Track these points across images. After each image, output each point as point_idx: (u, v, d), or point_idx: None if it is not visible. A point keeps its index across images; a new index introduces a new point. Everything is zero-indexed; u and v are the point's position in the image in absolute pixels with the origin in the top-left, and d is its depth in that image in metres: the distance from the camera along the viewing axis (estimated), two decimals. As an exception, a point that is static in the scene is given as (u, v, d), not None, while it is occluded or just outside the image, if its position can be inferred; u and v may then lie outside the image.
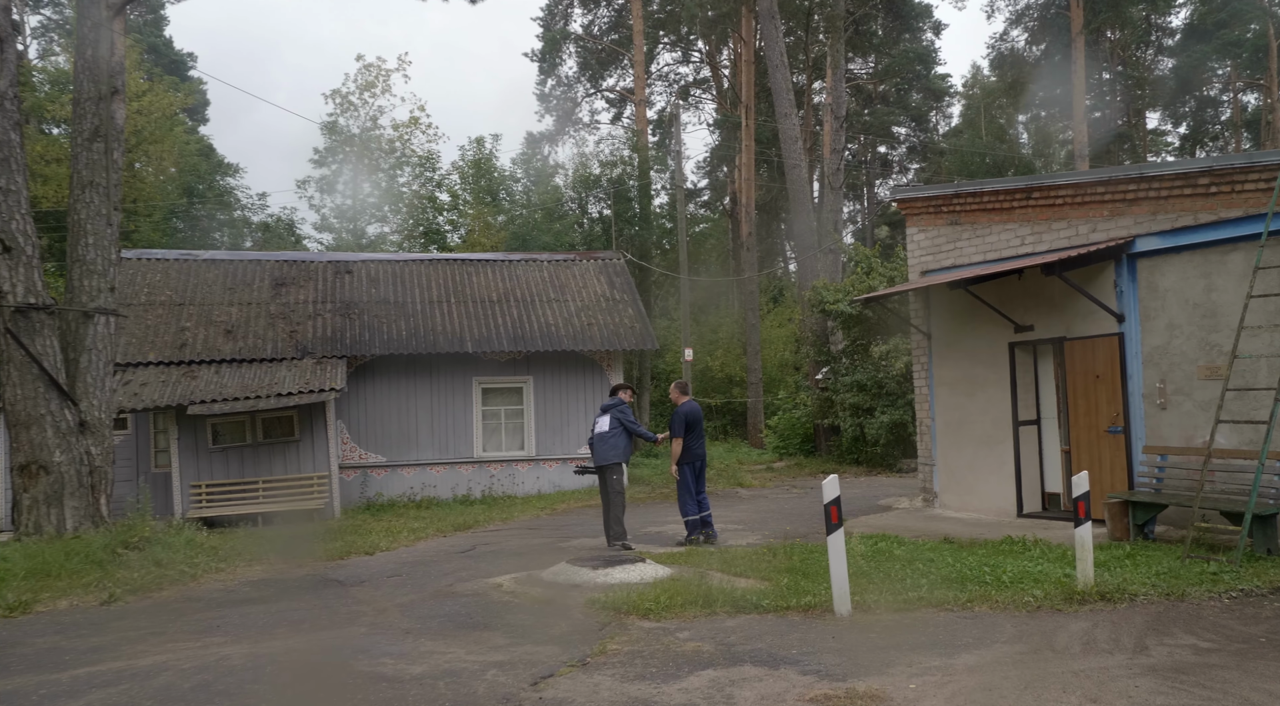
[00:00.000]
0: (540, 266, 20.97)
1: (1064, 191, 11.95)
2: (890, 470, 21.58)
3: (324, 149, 36.36)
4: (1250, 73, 46.16)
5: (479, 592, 8.89)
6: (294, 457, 16.57)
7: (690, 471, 11.95)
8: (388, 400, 18.18)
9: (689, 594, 8.14)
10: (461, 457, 18.41)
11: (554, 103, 42.72)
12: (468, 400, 18.53)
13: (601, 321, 19.34)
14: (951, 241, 13.76)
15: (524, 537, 13.11)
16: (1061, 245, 12.05)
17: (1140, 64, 49.98)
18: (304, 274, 19.54)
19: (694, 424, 11.98)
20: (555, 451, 18.82)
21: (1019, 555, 10.08)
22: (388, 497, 17.78)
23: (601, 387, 19.08)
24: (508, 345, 18.33)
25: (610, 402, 11.85)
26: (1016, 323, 12.59)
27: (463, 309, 19.22)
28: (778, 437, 25.88)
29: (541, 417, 18.80)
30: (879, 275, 22.03)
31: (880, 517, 13.71)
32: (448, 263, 20.83)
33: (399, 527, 14.16)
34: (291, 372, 16.79)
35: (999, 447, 13.02)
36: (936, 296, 14.01)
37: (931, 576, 8.82)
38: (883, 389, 21.47)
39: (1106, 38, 47.76)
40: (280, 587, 9.57)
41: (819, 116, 50.52)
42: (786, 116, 24.51)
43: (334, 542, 12.45)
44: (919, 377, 14.51)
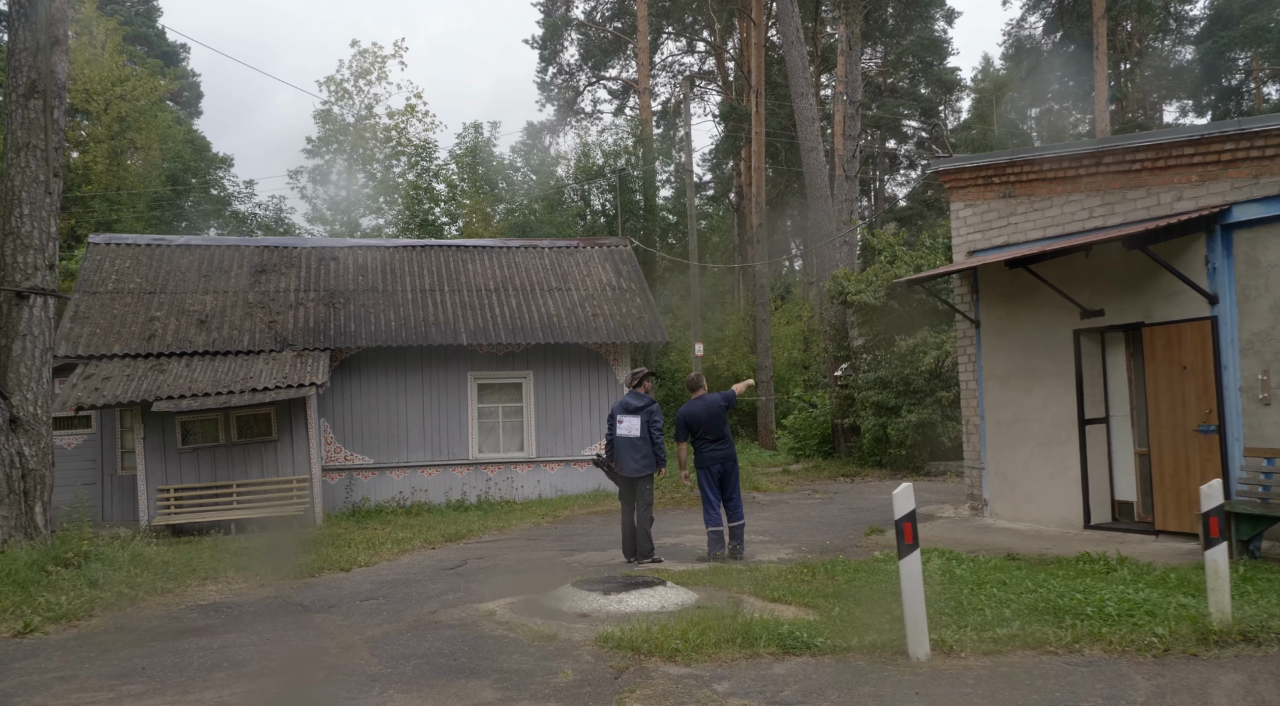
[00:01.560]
0: (541, 253, 19.46)
1: (1143, 155, 10.42)
2: (918, 473, 20.04)
3: (317, 138, 34.88)
4: (1274, 62, 44.66)
5: (467, 623, 7.37)
6: (272, 459, 15.06)
7: (708, 476, 10.44)
8: (375, 396, 16.68)
9: (724, 628, 6.63)
10: (455, 459, 16.90)
11: (555, 91, 41.26)
12: (462, 397, 17.02)
13: (607, 312, 17.83)
14: (1004, 216, 12.23)
15: (523, 550, 11.60)
16: (1139, 217, 10.52)
17: (1156, 54, 48.50)
18: (285, 260, 18.04)
19: (694, 425, 10.47)
20: (557, 453, 17.30)
21: (1107, 577, 8.57)
22: (375, 503, 16.27)
23: (607, 383, 17.57)
24: (505, 337, 16.82)
25: (639, 402, 10.29)
26: (1084, 307, 11.06)
27: (457, 298, 17.72)
28: (793, 438, 24.35)
29: (542, 416, 17.29)
30: (904, 264, 20.51)
31: (924, 528, 12.18)
32: (441, 249, 19.33)
33: (383, 537, 12.65)
34: (270, 366, 15.29)
35: (1061, 449, 11.50)
36: (987, 279, 12.49)
37: (1014, 605, 7.32)
38: (909, 386, 19.94)
39: (1123, 28, 46.28)
40: (233, 613, 8.05)
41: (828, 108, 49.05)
42: (803, 95, 23.00)
43: (306, 556, 10.94)
44: (965, 371, 12.99)
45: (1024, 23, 43.40)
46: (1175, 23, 48.84)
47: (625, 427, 10.26)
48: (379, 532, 13.30)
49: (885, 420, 20.31)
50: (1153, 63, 47.84)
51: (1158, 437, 10.36)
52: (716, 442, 10.46)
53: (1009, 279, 12.08)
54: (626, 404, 10.36)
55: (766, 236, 31.95)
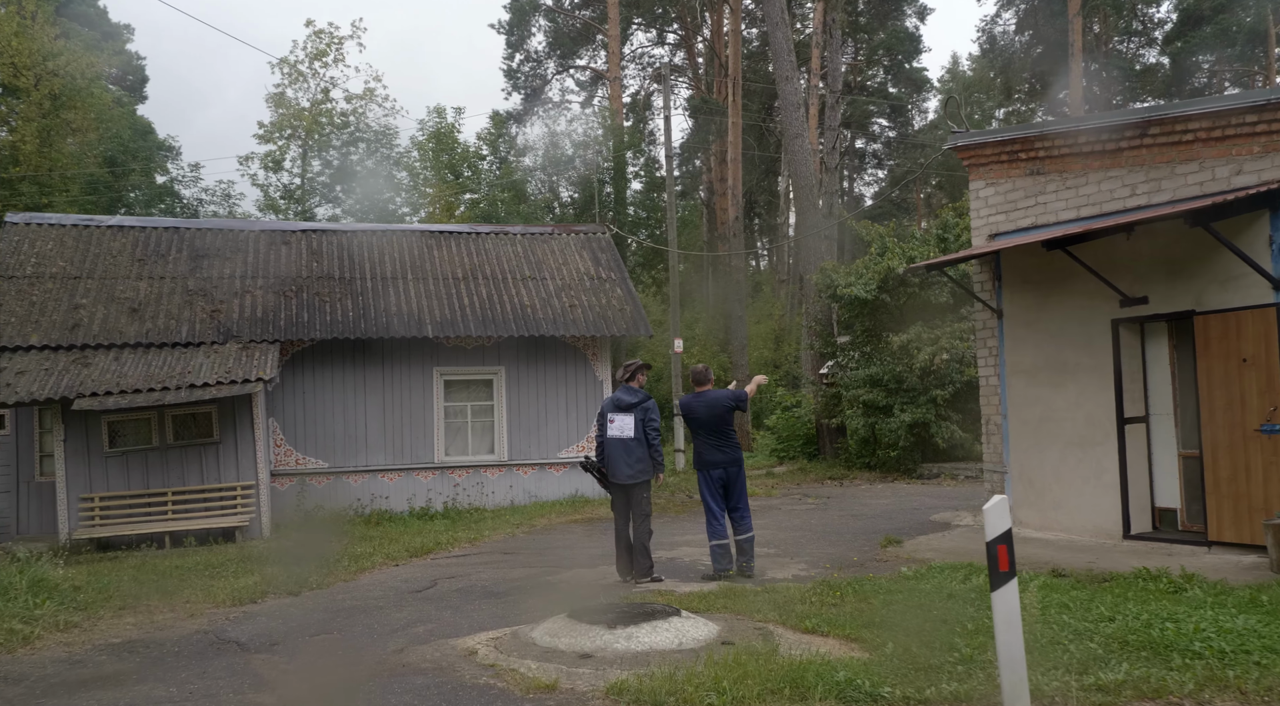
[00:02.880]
0: (513, 240, 18.07)
1: (1197, 124, 9.34)
2: (910, 476, 18.96)
3: (270, 123, 33.09)
4: (1240, 63, 44.46)
5: (443, 666, 6.02)
6: (213, 463, 13.53)
7: (709, 481, 9.18)
8: (331, 394, 15.19)
9: (765, 673, 5.38)
10: (420, 463, 15.47)
11: (522, 79, 39.79)
12: (427, 394, 15.59)
13: (586, 303, 16.50)
14: (1031, 196, 11.12)
15: (500, 567, 10.24)
16: (1190, 194, 9.44)
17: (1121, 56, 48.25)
18: (230, 245, 16.46)
19: (690, 421, 9.24)
20: (531, 455, 15.93)
21: (1179, 598, 7.45)
22: (330, 511, 14.78)
23: (586, 380, 16.24)
24: (475, 329, 15.43)
25: (633, 397, 9.01)
26: (1125, 294, 9.96)
27: (422, 287, 16.28)
28: (775, 439, 23.20)
29: (515, 415, 15.91)
30: (896, 255, 19.42)
31: (943, 539, 11.04)
32: (404, 234, 17.86)
33: (339, 552, 11.21)
34: (211, 360, 13.76)
35: (1096, 451, 10.39)
36: (1012, 265, 11.37)
37: (1097, 637, 6.15)
38: (902, 384, 18.85)
39: (1092, 29, 45.92)
40: (151, 655, 6.61)
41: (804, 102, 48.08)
42: (788, 79, 21.86)
43: (248, 576, 9.49)
44: (985, 365, 11.86)
45: (998, 19, 42.66)
46: (1143, 24, 48.64)
47: (617, 427, 8.97)
48: (334, 546, 11.85)
49: (875, 420, 19.20)
50: (1119, 63, 47.52)
51: (1211, 438, 9.28)
52: (718, 445, 9.20)
53: (1037, 264, 10.97)
54: (618, 400, 9.06)
55: (741, 230, 30.80)
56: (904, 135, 52.11)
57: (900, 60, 47.31)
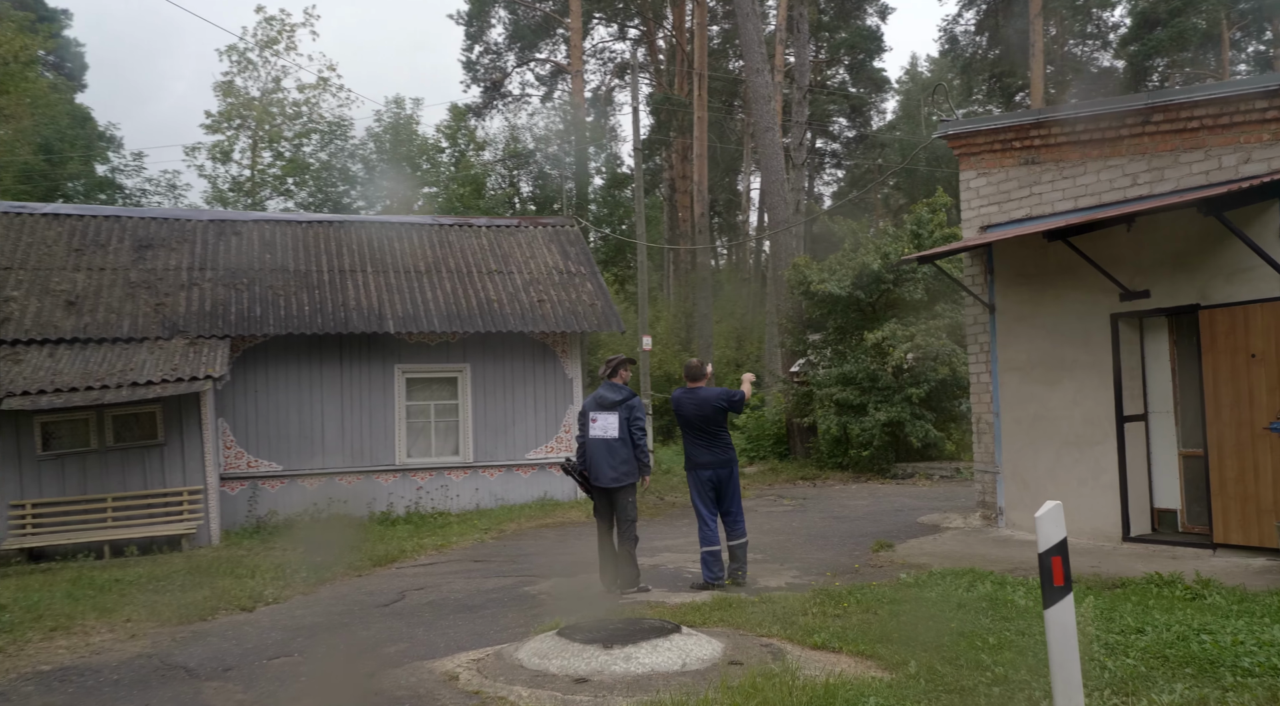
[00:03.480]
0: (478, 233, 17.36)
1: (1204, 111, 8.98)
2: (883, 476, 18.57)
3: (218, 113, 31.92)
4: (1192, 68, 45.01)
5: (421, 694, 5.38)
6: (157, 467, 12.67)
7: (699, 483, 8.60)
8: (285, 392, 14.39)
9: (784, 701, 4.82)
10: (380, 465, 14.71)
11: (481, 72, 38.92)
12: (388, 393, 14.84)
13: (555, 297, 15.85)
14: (1026, 186, 10.72)
15: (471, 577, 9.57)
16: (1195, 183, 9.09)
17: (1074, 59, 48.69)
18: (177, 234, 15.54)
19: (679, 418, 8.65)
20: (498, 456, 15.25)
21: (1194, 604, 7.08)
22: (284, 517, 13.98)
23: (555, 378, 15.59)
24: (439, 325, 14.71)
25: (617, 395, 8.41)
26: (1125, 288, 9.58)
27: (382, 280, 15.51)
28: (744, 439, 22.71)
29: (481, 415, 15.22)
30: (870, 251, 19.03)
31: (935, 542, 10.58)
32: (363, 225, 17.06)
33: (297, 562, 10.47)
34: (156, 356, 12.90)
35: (1095, 450, 10.01)
36: (1005, 258, 10.97)
37: (1132, 651, 5.71)
38: (876, 382, 18.46)
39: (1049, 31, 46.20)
40: (85, 684, 5.87)
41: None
42: (758, 72, 21.38)
43: (197, 590, 8.73)
44: (976, 362, 11.44)
45: (959, 19, 42.65)
46: (1098, 28, 49.07)
47: (600, 427, 8.36)
48: (291, 554, 11.10)
49: (847, 419, 18.77)
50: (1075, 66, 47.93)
51: (1217, 437, 8.92)
52: (709, 445, 8.62)
53: (1033, 257, 10.58)
54: (601, 398, 8.45)
55: (707, 227, 30.32)
56: (863, 135, 52.10)
57: (862, 59, 47.21)
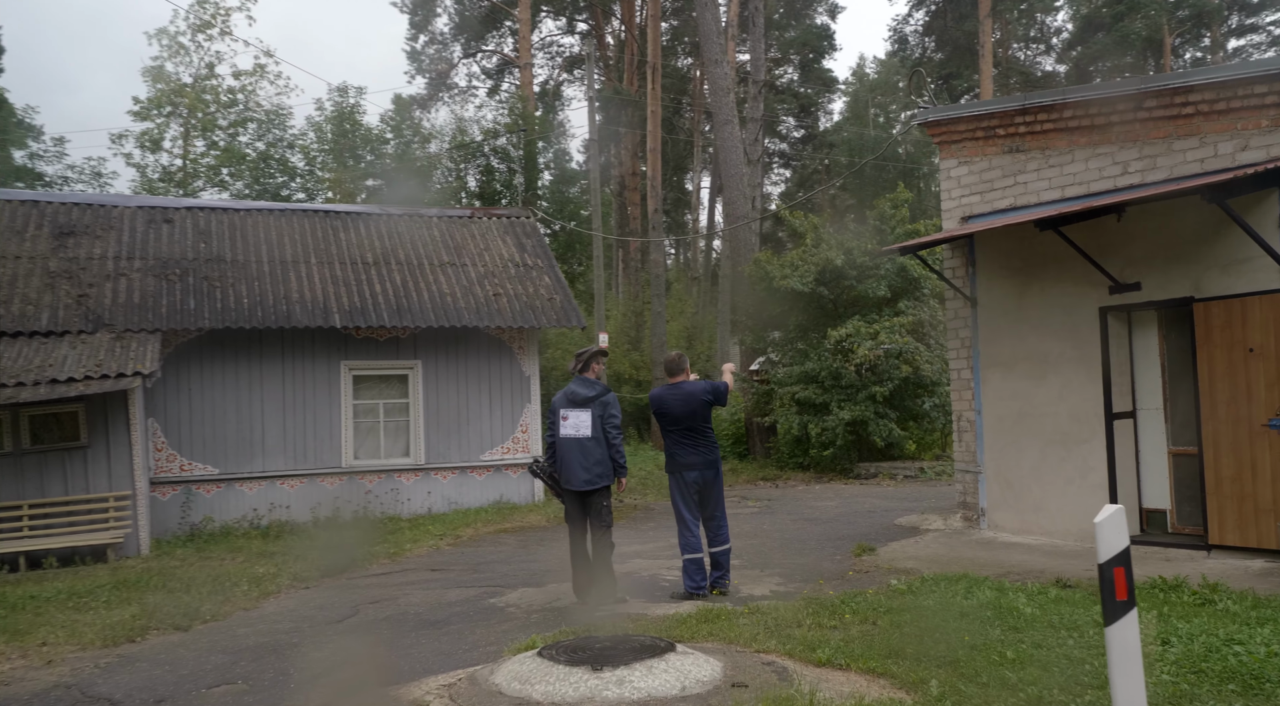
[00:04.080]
0: (429, 223, 16.56)
1: (1199, 96, 8.65)
2: (846, 476, 18.20)
3: (147, 99, 30.46)
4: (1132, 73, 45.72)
5: (388, 731, 4.71)
6: (80, 471, 11.70)
7: (682, 486, 8.03)
8: (223, 390, 13.47)
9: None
10: (325, 467, 13.87)
11: (426, 62, 37.93)
12: (334, 391, 14.01)
13: (511, 291, 15.15)
14: (1010, 175, 10.34)
15: (430, 587, 8.86)
16: (1189, 171, 8.77)
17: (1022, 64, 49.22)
18: (101, 222, 14.49)
19: (662, 416, 8.05)
20: (451, 458, 14.50)
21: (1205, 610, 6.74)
22: (221, 523, 13.08)
23: (512, 375, 14.89)
24: (389, 319, 13.92)
25: (590, 390, 7.80)
26: (1116, 280, 9.23)
27: (327, 272, 14.66)
28: (701, 439, 22.17)
29: (433, 414, 14.46)
30: (832, 246, 18.65)
31: (917, 545, 10.14)
32: (306, 214, 16.16)
33: (236, 573, 9.65)
34: (78, 351, 11.92)
35: (1082, 448, 9.66)
36: (988, 250, 10.58)
37: (1162, 664, 5.28)
38: (839, 381, 18.06)
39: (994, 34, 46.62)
40: (-4, 724, 5.10)
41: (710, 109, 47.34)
42: (717, 63, 20.90)
43: (125, 607, 7.90)
44: (957, 357, 11.04)
45: (909, 19, 42.75)
46: (1041, 31, 49.63)
47: (572, 425, 7.74)
48: (229, 565, 10.26)
49: (808, 418, 18.35)
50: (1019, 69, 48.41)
51: (1212, 434, 8.60)
52: (693, 444, 8.06)
53: (1018, 249, 10.21)
54: (573, 394, 7.81)
55: (661, 222, 29.80)
56: (812, 135, 52.07)
57: (812, 59, 47.14)
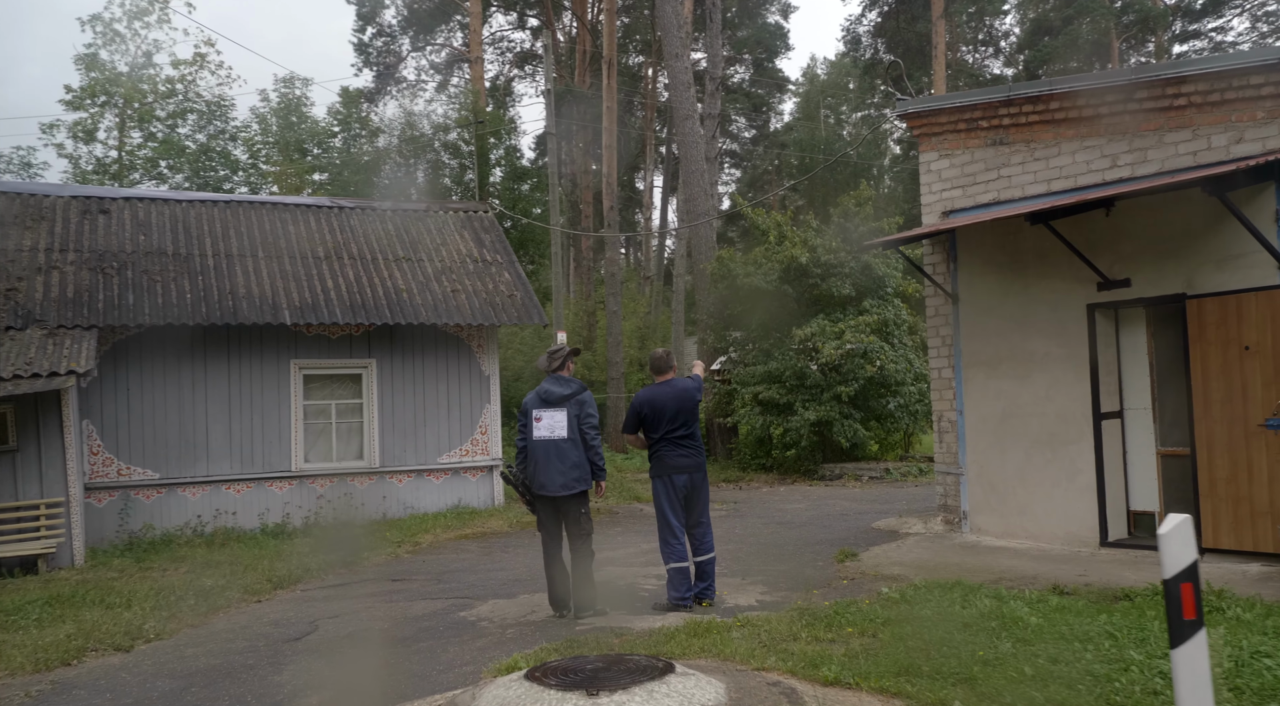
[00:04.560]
0: (382, 217, 15.90)
1: (1192, 87, 8.43)
2: (810, 478, 17.92)
3: (80, 88, 29.19)
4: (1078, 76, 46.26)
5: (366, 772, 4.18)
6: (9, 477, 10.88)
7: (669, 490, 7.58)
8: (163, 391, 12.71)
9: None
10: (274, 471, 13.16)
11: (374, 55, 36.97)
12: (283, 391, 13.31)
13: (470, 288, 14.56)
14: (993, 168, 10.07)
15: (394, 600, 8.29)
16: (1182, 165, 8.55)
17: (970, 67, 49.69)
18: (31, 212, 13.61)
19: (656, 418, 7.54)
20: (407, 461, 13.88)
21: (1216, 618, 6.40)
22: (162, 531, 12.32)
23: (470, 374, 14.32)
24: (341, 316, 13.26)
25: (565, 388, 7.34)
26: (1105, 276, 9.00)
27: (276, 267, 13.94)
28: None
29: (388, 415, 13.83)
30: (796, 244, 18.37)
31: (899, 550, 9.81)
32: (253, 206, 15.39)
33: (181, 585, 8.97)
34: (6, 349, 11.09)
35: (1069, 450, 9.41)
36: (970, 245, 10.30)
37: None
38: (804, 381, 17.79)
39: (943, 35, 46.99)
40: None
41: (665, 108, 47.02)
42: (678, 56, 20.51)
43: (58, 625, 7.21)
44: (937, 356, 10.75)
45: (863, 19, 42.83)
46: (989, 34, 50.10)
47: (546, 426, 7.25)
48: (172, 577, 9.56)
49: (772, 419, 18.04)
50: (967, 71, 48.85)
51: (1206, 434, 8.38)
52: (684, 445, 7.61)
53: (1001, 244, 9.94)
54: (546, 393, 7.31)
55: (616, 219, 29.33)
56: (763, 134, 52.05)
57: (764, 58, 47.07)
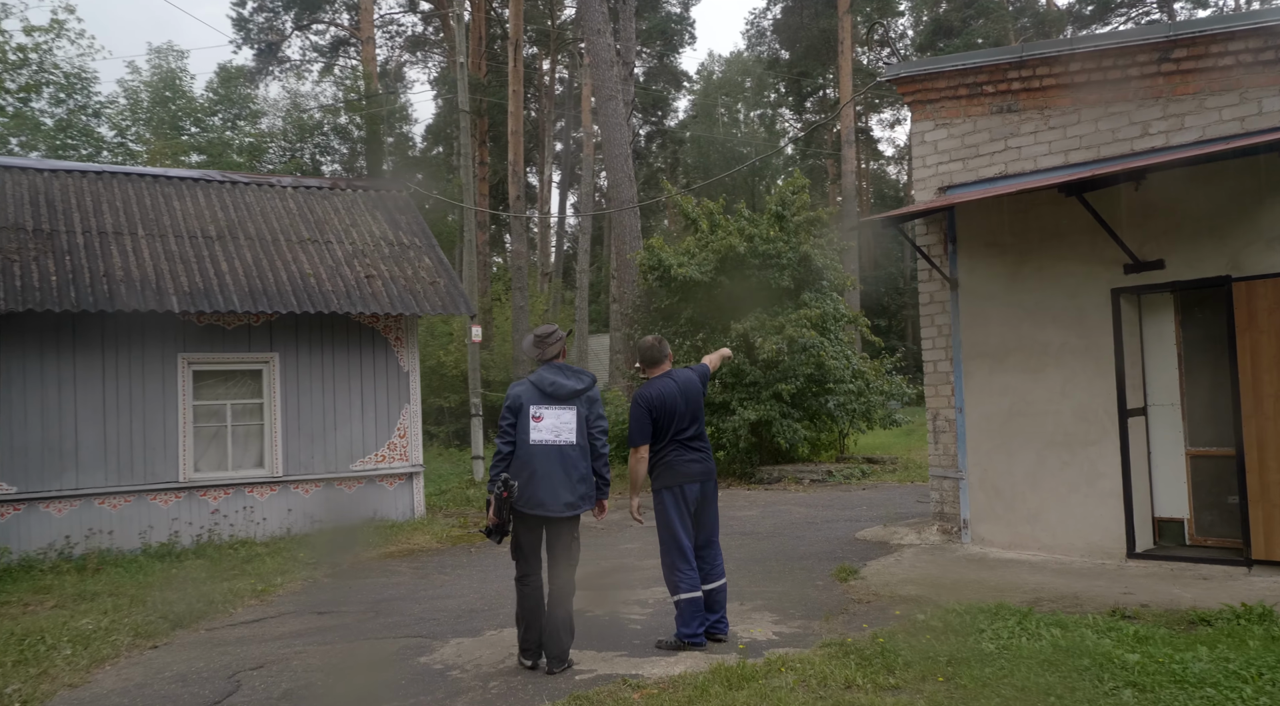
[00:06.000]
0: (283, 194, 14.02)
1: (1241, 45, 7.64)
2: (748, 481, 16.86)
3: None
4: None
5: None
6: None
7: (678, 502, 6.27)
8: (22, 389, 10.64)
9: None
10: (158, 482, 11.22)
11: (255, 31, 34.34)
12: (169, 390, 11.38)
13: (387, 274, 12.90)
14: (1000, 139, 9.13)
15: (329, 640, 6.68)
16: (1226, 132, 7.75)
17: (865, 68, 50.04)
18: None
19: (665, 417, 6.18)
20: (315, 468, 12.12)
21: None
22: (21, 555, 10.27)
23: (389, 370, 12.66)
24: (240, 303, 11.43)
25: (577, 382, 5.90)
26: (1135, 257, 8.14)
27: (160, 246, 11.99)
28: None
29: (293, 417, 12.04)
30: (730, 231, 17.30)
31: (899, 564, 8.74)
32: (130, 178, 13.30)
33: (52, 628, 7.13)
34: None
35: (1090, 451, 8.53)
36: (971, 225, 9.35)
37: None
38: (741, 378, 16.73)
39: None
40: None
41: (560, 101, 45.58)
42: (599, 33, 19.22)
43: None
44: (933, 348, 9.76)
45: (767, 13, 42.34)
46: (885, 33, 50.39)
47: (549, 428, 5.76)
48: (36, 618, 7.66)
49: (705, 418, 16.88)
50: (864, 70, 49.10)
51: (1257, 433, 7.58)
52: (696, 448, 6.33)
53: (1009, 223, 9.01)
54: (552, 386, 5.76)
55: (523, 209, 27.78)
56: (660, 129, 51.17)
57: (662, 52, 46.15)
